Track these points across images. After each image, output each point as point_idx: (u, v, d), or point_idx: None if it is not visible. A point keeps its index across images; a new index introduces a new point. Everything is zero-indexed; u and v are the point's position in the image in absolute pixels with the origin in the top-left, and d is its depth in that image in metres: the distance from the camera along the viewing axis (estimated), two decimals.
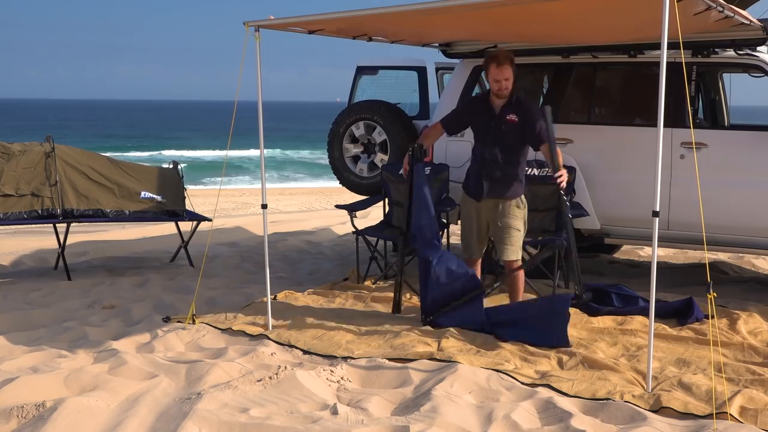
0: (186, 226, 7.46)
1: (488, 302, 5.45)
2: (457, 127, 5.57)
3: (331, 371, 4.17)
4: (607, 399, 3.80)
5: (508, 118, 5.11)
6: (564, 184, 4.97)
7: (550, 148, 5.02)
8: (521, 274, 5.27)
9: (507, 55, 5.08)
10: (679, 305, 5.38)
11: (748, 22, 5.01)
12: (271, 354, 4.54)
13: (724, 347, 4.60)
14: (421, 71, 7.66)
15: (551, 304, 4.92)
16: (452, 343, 4.69)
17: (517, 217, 5.22)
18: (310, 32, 5.46)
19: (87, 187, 6.85)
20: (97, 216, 6.90)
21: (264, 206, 5.25)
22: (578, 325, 5.15)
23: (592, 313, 5.42)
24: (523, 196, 5.27)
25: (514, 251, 5.19)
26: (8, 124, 62.51)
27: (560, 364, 4.35)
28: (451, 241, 7.10)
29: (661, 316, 5.25)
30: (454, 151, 6.91)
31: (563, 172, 4.95)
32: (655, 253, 3.99)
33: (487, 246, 6.13)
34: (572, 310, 5.49)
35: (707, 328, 4.94)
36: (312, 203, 16.90)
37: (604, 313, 5.38)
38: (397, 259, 5.77)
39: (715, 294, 3.93)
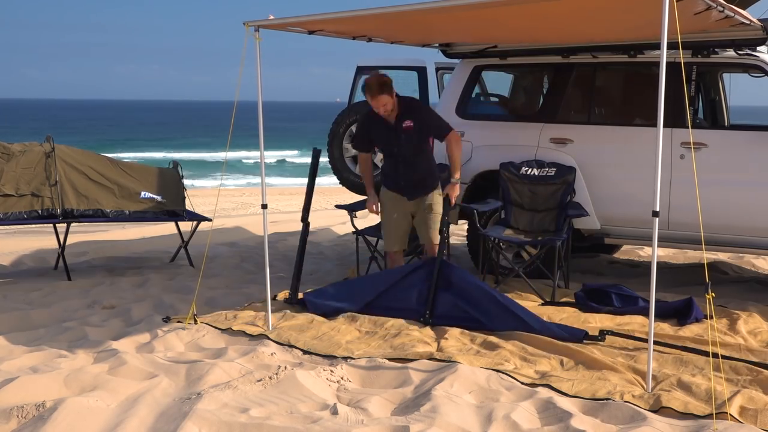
0: (186, 226, 7.46)
1: None
2: (367, 144, 5.73)
3: (331, 371, 4.17)
4: (607, 399, 3.80)
5: (404, 126, 5.39)
6: (452, 200, 5.37)
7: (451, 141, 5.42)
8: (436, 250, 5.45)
9: (377, 82, 5.25)
10: (679, 305, 5.38)
11: (748, 22, 5.01)
12: (271, 354, 4.54)
13: (724, 347, 4.60)
14: (421, 71, 7.66)
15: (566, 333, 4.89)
16: (452, 343, 4.69)
17: (439, 202, 5.55)
18: (310, 32, 5.47)
19: (87, 187, 6.85)
20: (97, 216, 6.90)
21: (264, 206, 5.26)
22: (577, 324, 5.15)
23: (592, 312, 5.43)
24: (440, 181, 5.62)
25: (436, 234, 5.52)
26: (8, 125, 62.48)
27: (560, 364, 4.35)
28: (451, 241, 7.08)
29: (661, 316, 5.26)
30: None
31: (456, 189, 5.41)
32: (655, 253, 3.99)
33: (488, 250, 6.16)
34: (571, 310, 5.51)
35: (707, 328, 4.94)
36: (312, 203, 16.88)
37: (604, 313, 5.39)
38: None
39: (713, 294, 3.93)
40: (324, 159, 6.90)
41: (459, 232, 8.64)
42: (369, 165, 5.76)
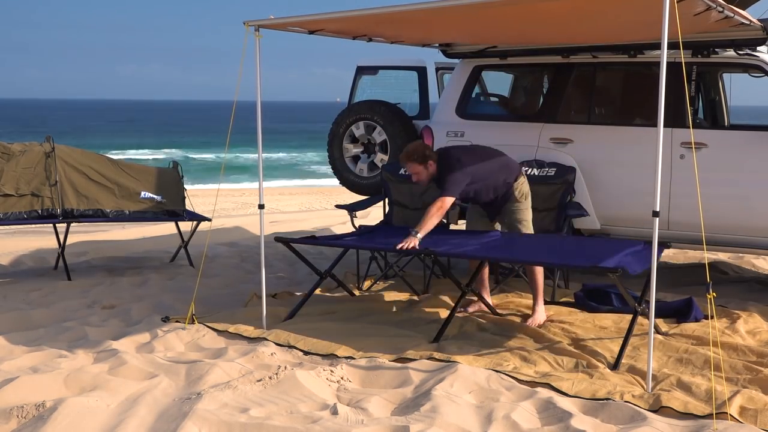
0: (186, 226, 7.46)
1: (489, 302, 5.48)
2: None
3: (331, 371, 4.17)
4: (607, 399, 3.80)
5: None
6: (399, 246, 4.99)
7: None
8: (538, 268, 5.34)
9: (404, 155, 5.31)
10: (679, 305, 5.39)
11: (748, 22, 5.01)
12: (271, 354, 4.54)
13: (724, 347, 4.60)
14: (421, 71, 7.66)
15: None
16: (452, 343, 4.69)
17: (519, 209, 5.51)
18: (311, 32, 5.47)
19: (87, 187, 6.85)
20: (97, 216, 6.90)
21: (261, 206, 5.26)
22: (577, 324, 5.15)
23: (592, 311, 5.43)
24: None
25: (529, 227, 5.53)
26: (8, 125, 62.48)
27: (560, 364, 4.35)
28: None
29: (661, 315, 5.26)
30: None
31: (411, 241, 5.01)
32: (655, 253, 3.99)
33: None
34: (570, 310, 5.52)
35: (707, 327, 4.94)
36: (312, 203, 16.89)
37: (604, 311, 5.39)
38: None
39: (714, 294, 3.93)
40: (324, 159, 6.90)
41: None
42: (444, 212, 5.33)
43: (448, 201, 5.16)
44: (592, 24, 5.26)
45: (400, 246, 4.95)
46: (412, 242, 4.96)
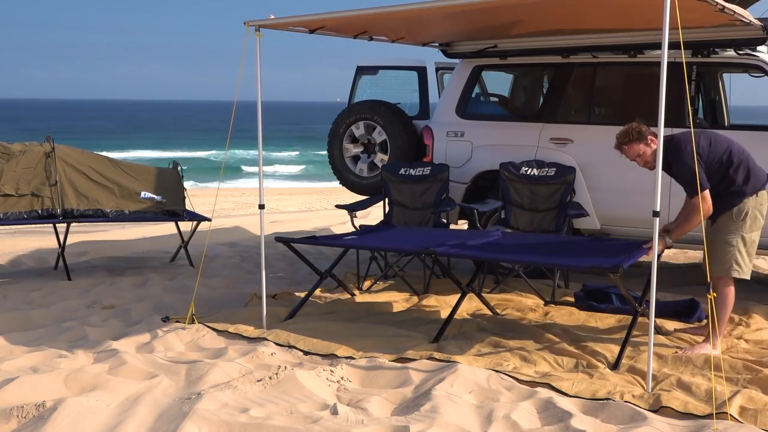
0: (186, 226, 7.46)
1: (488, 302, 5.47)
2: None
3: (331, 371, 4.17)
4: (607, 399, 3.79)
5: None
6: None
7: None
8: (727, 291, 4.64)
9: (618, 139, 4.70)
10: (680, 306, 5.38)
11: (748, 22, 5.01)
12: (271, 354, 4.54)
13: (725, 347, 4.60)
14: (421, 71, 7.66)
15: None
16: (452, 343, 4.69)
17: (723, 228, 4.63)
18: (311, 31, 5.47)
19: (87, 187, 6.85)
20: (97, 216, 6.90)
21: (261, 206, 5.27)
22: (577, 324, 5.15)
23: (592, 311, 5.43)
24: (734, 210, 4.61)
25: (719, 266, 4.61)
26: (8, 125, 62.48)
27: (560, 364, 4.35)
28: None
29: (662, 316, 5.26)
30: (454, 151, 6.91)
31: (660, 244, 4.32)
32: (656, 253, 3.99)
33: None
34: (571, 310, 5.52)
35: (707, 328, 4.93)
36: (312, 203, 16.88)
37: (608, 312, 5.39)
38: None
39: (714, 294, 3.93)
40: (324, 159, 6.90)
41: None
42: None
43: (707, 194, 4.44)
44: (592, 13, 5.24)
45: (648, 247, 4.46)
46: (662, 246, 4.45)
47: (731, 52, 5.91)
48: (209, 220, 7.27)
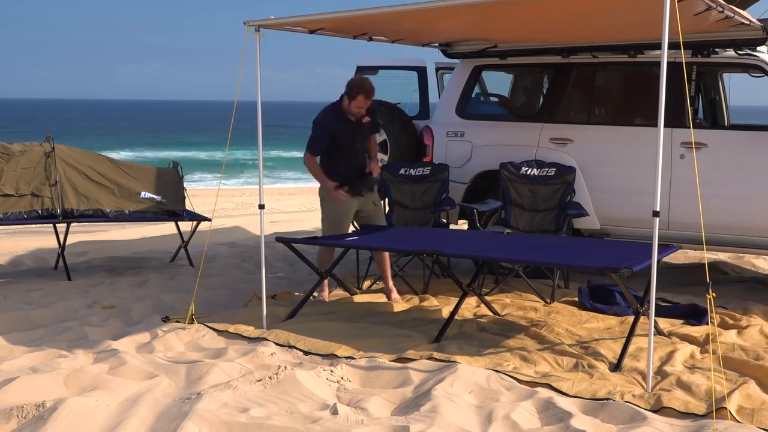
0: (186, 226, 7.46)
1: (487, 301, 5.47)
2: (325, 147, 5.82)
3: (331, 371, 4.17)
4: (607, 399, 3.79)
5: (364, 121, 5.81)
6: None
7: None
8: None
9: (372, 87, 5.63)
10: (685, 310, 5.36)
11: (748, 22, 5.01)
12: (271, 354, 4.54)
13: (724, 347, 4.60)
14: (421, 71, 7.66)
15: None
16: (452, 343, 4.69)
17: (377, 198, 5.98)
18: (311, 32, 5.47)
19: (87, 187, 6.85)
20: (97, 216, 6.90)
21: (261, 206, 5.26)
22: (578, 324, 5.15)
23: (593, 311, 5.43)
24: None
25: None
26: (8, 125, 62.46)
27: (560, 364, 4.35)
28: None
29: (664, 317, 5.25)
30: (454, 151, 6.92)
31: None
32: (655, 253, 3.99)
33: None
34: (572, 309, 5.52)
35: (707, 327, 4.94)
36: (312, 203, 16.88)
37: (609, 314, 5.39)
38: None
39: (714, 294, 3.93)
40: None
41: None
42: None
43: None
44: (592, 23, 5.26)
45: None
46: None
47: (731, 52, 5.91)
48: (209, 220, 7.27)
